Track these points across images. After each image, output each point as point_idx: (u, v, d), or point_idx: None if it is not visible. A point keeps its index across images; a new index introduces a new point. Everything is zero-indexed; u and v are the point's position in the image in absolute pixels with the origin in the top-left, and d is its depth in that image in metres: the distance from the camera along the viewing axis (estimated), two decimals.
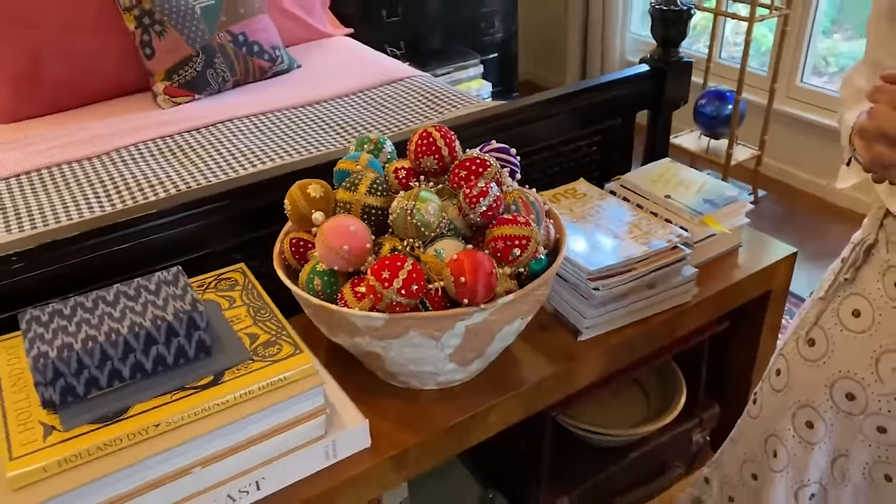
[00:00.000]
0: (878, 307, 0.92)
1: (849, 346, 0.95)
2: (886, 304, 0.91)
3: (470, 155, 1.05)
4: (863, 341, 0.93)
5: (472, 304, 0.94)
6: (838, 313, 0.96)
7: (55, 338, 0.89)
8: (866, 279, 0.93)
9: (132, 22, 2.17)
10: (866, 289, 0.93)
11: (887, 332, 0.91)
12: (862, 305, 0.93)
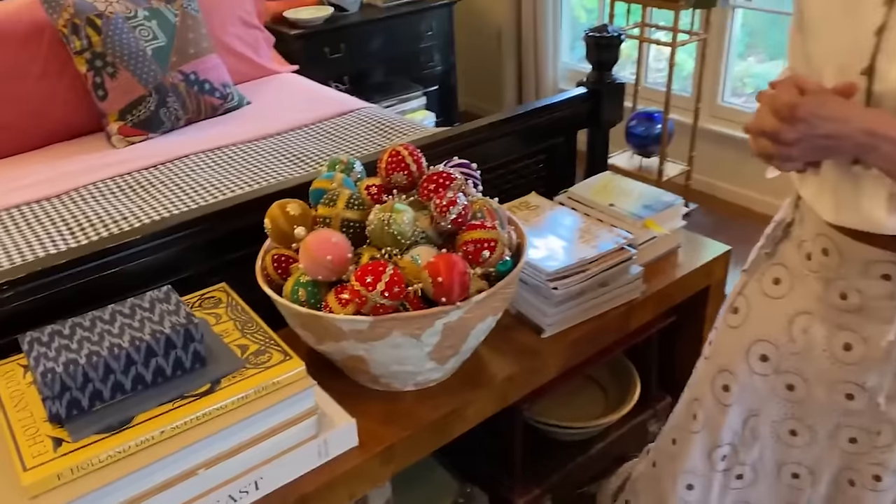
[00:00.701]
0: (795, 275, 1.04)
1: (766, 310, 1.07)
2: (801, 273, 1.03)
3: (436, 170, 1.15)
4: (779, 305, 1.05)
5: (449, 303, 1.03)
6: (761, 282, 1.09)
7: (59, 355, 0.94)
8: (785, 252, 1.06)
9: (83, 65, 2.21)
10: (786, 260, 1.06)
11: (801, 297, 1.03)
12: (782, 274, 1.06)
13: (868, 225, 0.90)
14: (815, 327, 1.01)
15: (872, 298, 0.94)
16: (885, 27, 0.83)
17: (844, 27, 0.87)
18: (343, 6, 3.15)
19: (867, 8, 0.85)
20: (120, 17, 2.23)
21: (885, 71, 0.84)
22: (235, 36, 2.62)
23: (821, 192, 0.95)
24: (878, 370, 0.96)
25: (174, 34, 2.31)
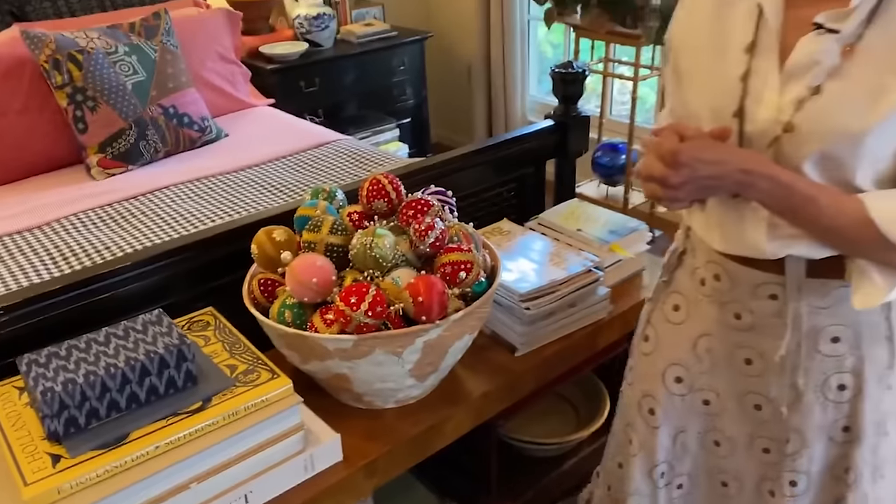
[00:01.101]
0: (691, 300, 1.12)
1: (672, 336, 1.15)
2: (697, 298, 1.11)
3: (415, 197, 1.22)
4: (682, 330, 1.13)
5: (429, 321, 1.10)
6: (663, 310, 1.17)
7: (58, 375, 0.98)
8: (681, 280, 1.14)
9: (64, 99, 2.25)
10: (681, 287, 1.14)
11: (699, 320, 1.11)
12: (679, 300, 1.14)
13: (752, 252, 0.99)
14: (717, 347, 1.09)
15: (763, 317, 1.03)
16: (748, 73, 0.93)
17: (714, 75, 0.97)
18: (317, 42, 3.24)
19: (731, 57, 0.95)
20: (101, 53, 2.29)
21: (753, 113, 0.92)
22: (213, 71, 2.69)
23: (709, 224, 1.04)
24: (777, 382, 1.04)
25: (154, 69, 2.37)
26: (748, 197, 0.92)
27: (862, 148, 0.87)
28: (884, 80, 0.85)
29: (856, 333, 1.00)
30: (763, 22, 0.93)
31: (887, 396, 1.03)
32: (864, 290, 0.93)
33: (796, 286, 0.98)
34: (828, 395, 1.03)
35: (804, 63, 0.89)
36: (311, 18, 3.20)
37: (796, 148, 0.90)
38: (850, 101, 0.87)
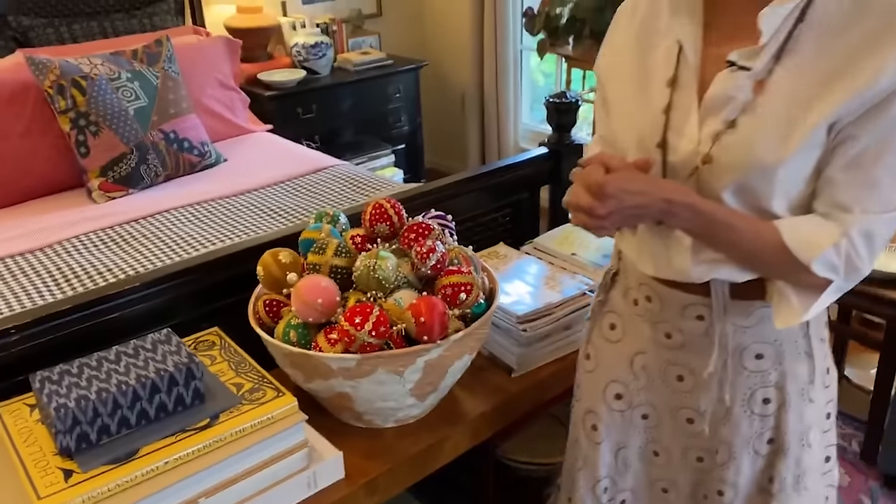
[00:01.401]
0: (626, 320, 1.17)
1: (610, 354, 1.19)
2: (631, 317, 1.16)
3: (416, 220, 1.26)
4: (619, 348, 1.18)
5: (430, 341, 1.13)
6: (601, 329, 1.21)
7: (70, 391, 1.01)
8: (615, 300, 1.19)
9: (67, 124, 2.29)
10: (616, 307, 1.19)
11: (634, 339, 1.15)
12: (615, 319, 1.19)
13: (679, 276, 1.04)
14: (651, 364, 1.14)
15: (692, 336, 1.07)
16: (670, 106, 0.98)
17: (639, 107, 1.02)
18: (315, 69, 3.30)
19: (654, 90, 1.00)
20: (104, 79, 2.33)
21: (675, 144, 0.98)
22: (213, 97, 2.74)
23: (639, 250, 1.08)
24: (706, 397, 1.09)
25: (155, 95, 2.42)
26: (671, 225, 0.97)
27: (775, 178, 0.92)
28: (792, 114, 0.90)
29: (778, 350, 1.05)
30: (683, 58, 0.99)
31: (809, 409, 1.08)
32: (784, 311, 0.98)
33: (721, 307, 1.03)
34: (753, 409, 1.08)
35: (720, 98, 0.94)
36: (309, 47, 3.26)
37: (715, 178, 0.95)
38: (762, 134, 0.92)
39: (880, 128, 0.89)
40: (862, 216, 0.91)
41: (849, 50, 0.88)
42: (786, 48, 0.92)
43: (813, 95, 0.90)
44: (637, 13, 1.07)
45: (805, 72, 0.91)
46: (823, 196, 0.93)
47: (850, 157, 0.90)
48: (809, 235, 0.92)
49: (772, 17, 0.91)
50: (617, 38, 1.10)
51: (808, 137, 0.90)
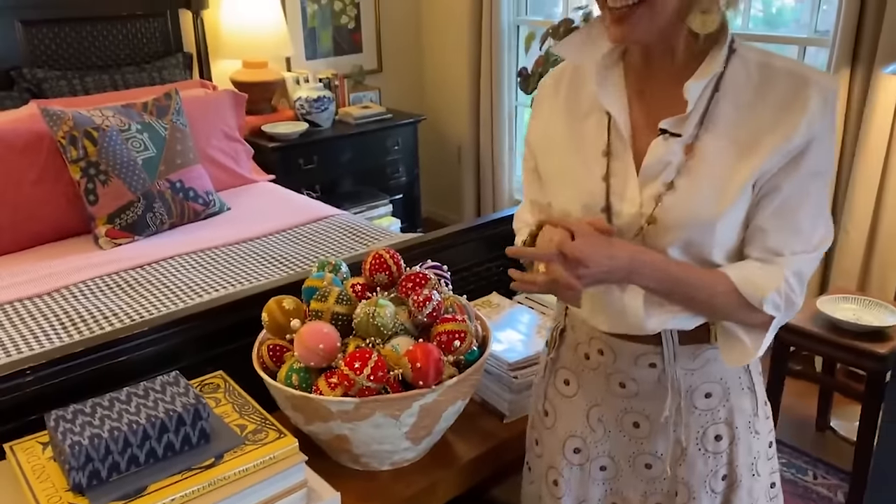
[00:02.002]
0: (579, 374, 1.23)
1: (567, 409, 1.24)
2: (583, 371, 1.22)
3: (413, 271, 1.33)
4: (575, 402, 1.23)
5: (426, 386, 1.19)
6: (555, 385, 1.26)
7: (84, 430, 1.06)
8: (565, 355, 1.25)
9: (77, 172, 2.38)
10: (568, 363, 1.25)
11: (589, 392, 1.21)
12: (568, 375, 1.24)
13: (635, 330, 1.10)
14: (607, 415, 1.19)
15: (645, 384, 1.14)
16: (609, 174, 1.07)
17: (580, 176, 1.10)
18: (317, 122, 3.41)
19: (592, 160, 1.09)
20: (115, 130, 2.43)
21: (619, 208, 1.06)
22: (218, 148, 2.84)
23: (592, 309, 1.14)
24: (663, 440, 1.15)
25: (163, 146, 2.52)
26: (635, 284, 1.04)
27: (715, 232, 1.02)
28: (723, 173, 1.01)
29: (724, 388, 1.14)
30: (614, 127, 1.07)
31: (755, 441, 1.17)
32: (738, 352, 1.07)
33: (672, 354, 1.11)
34: (707, 447, 1.15)
35: (657, 164, 1.03)
36: (312, 101, 3.38)
37: (660, 237, 1.03)
38: (699, 194, 1.01)
39: (798, 179, 1.00)
40: (791, 258, 1.02)
41: (764, 115, 1.00)
42: (707, 115, 1.02)
43: (738, 155, 1.00)
44: (561, 87, 1.16)
45: (727, 135, 1.01)
46: (756, 243, 1.04)
47: (774, 206, 1.01)
48: (757, 280, 1.02)
49: (695, 88, 1.00)
50: (544, 111, 1.19)
51: (740, 193, 1.00)
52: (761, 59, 1.03)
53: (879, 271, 2.61)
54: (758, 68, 1.02)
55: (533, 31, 3.44)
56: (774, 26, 3.24)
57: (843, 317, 2.17)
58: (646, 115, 1.06)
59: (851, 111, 2.60)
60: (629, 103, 1.08)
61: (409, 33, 4.12)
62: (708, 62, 1.01)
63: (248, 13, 3.24)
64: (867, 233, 2.60)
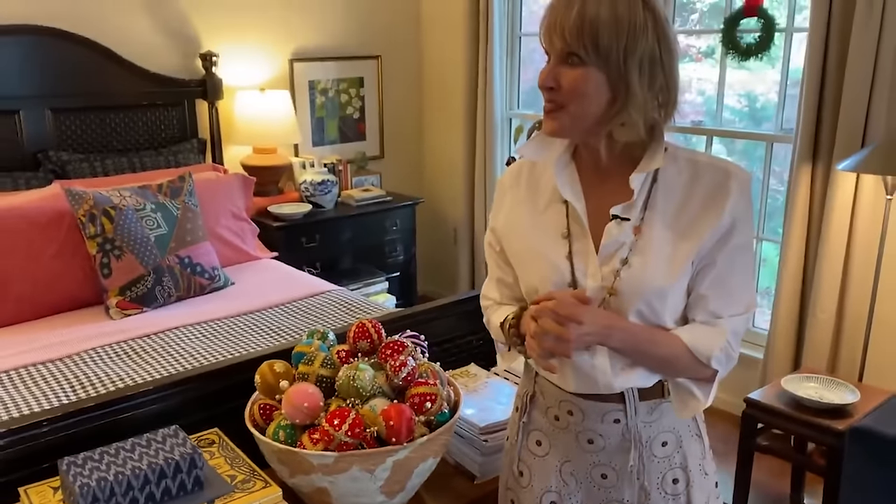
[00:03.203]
0: (549, 434, 1.36)
1: (540, 468, 1.37)
2: (554, 431, 1.35)
3: (392, 339, 1.49)
4: (547, 461, 1.36)
5: (398, 443, 1.33)
6: (528, 447, 1.39)
7: (92, 473, 1.20)
8: (537, 419, 1.38)
9: (94, 247, 2.57)
10: (539, 425, 1.38)
11: (559, 450, 1.34)
12: (539, 436, 1.38)
13: (603, 389, 1.25)
14: (578, 469, 1.33)
15: (611, 438, 1.28)
16: (571, 253, 1.23)
17: (546, 257, 1.25)
18: (321, 204, 3.63)
19: (554, 243, 1.25)
20: (131, 209, 2.64)
21: (583, 283, 1.21)
22: (226, 227, 3.05)
23: (563, 373, 1.28)
24: (629, 488, 1.29)
25: (175, 224, 2.72)
26: (609, 345, 1.19)
27: (666, 300, 1.20)
28: (668, 251, 1.19)
29: (677, 436, 1.29)
30: (572, 215, 1.25)
31: (706, 481, 1.32)
32: (691, 404, 1.24)
33: (633, 409, 1.26)
34: (667, 490, 1.29)
35: (612, 244, 1.21)
36: (317, 184, 3.61)
37: (621, 305, 1.20)
38: (651, 268, 1.19)
39: (728, 253, 1.19)
40: (729, 320, 1.21)
41: (697, 204, 1.20)
42: (649, 202, 1.21)
43: (679, 236, 1.19)
44: (521, 181, 1.34)
45: (668, 219, 1.20)
46: (699, 308, 1.22)
47: (711, 277, 1.20)
48: (704, 340, 1.20)
49: (637, 179, 1.19)
50: (507, 202, 1.35)
51: (684, 266, 1.18)
52: (688, 156, 1.23)
53: (848, 352, 2.74)
54: (686, 164, 1.22)
55: (522, 123, 3.71)
56: (758, 121, 3.47)
57: (806, 394, 2.29)
58: (597, 203, 1.24)
59: (814, 204, 2.79)
60: (583, 193, 1.26)
61: (410, 123, 4.40)
62: (648, 158, 1.19)
63: (261, 104, 3.51)
64: (834, 316, 2.75)
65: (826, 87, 2.70)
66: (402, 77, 4.28)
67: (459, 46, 3.96)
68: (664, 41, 1.13)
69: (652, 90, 1.14)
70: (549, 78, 1.15)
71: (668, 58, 1.14)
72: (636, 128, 1.15)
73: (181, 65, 3.46)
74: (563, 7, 1.11)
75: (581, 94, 1.13)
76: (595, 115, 1.15)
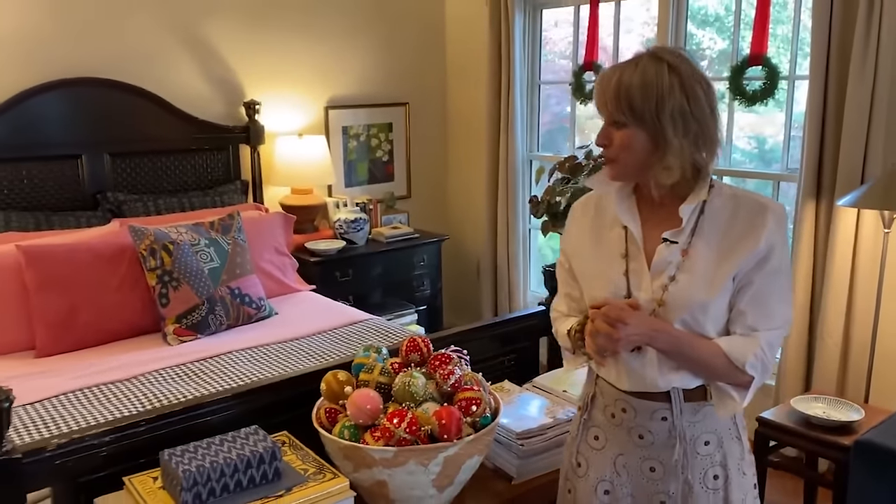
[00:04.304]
0: (606, 430, 1.55)
1: (597, 459, 1.57)
2: (610, 427, 1.54)
3: (440, 351, 1.69)
4: (604, 454, 1.55)
5: (449, 440, 1.53)
6: (587, 441, 1.59)
7: (191, 462, 1.41)
8: (597, 416, 1.58)
9: (154, 279, 2.80)
10: (597, 422, 1.57)
11: (614, 444, 1.54)
12: (598, 432, 1.57)
13: (650, 387, 1.45)
14: (630, 462, 1.52)
15: (659, 435, 1.47)
16: (628, 271, 1.45)
17: (606, 274, 1.48)
18: (353, 240, 3.87)
19: (614, 261, 1.47)
20: (187, 244, 2.88)
21: (637, 296, 1.43)
22: (269, 261, 3.28)
23: (618, 373, 1.49)
24: (674, 480, 1.47)
25: (226, 258, 2.95)
26: (654, 346, 1.40)
27: (707, 313, 1.40)
28: (710, 270, 1.40)
29: (718, 437, 1.47)
30: (630, 238, 1.47)
31: (744, 480, 1.50)
32: (728, 405, 1.42)
33: (679, 409, 1.45)
34: (708, 485, 1.47)
35: (662, 263, 1.43)
36: (349, 222, 3.85)
37: (668, 315, 1.41)
38: (694, 285, 1.39)
39: (765, 275, 1.39)
40: (765, 333, 1.39)
41: (737, 232, 1.40)
42: (697, 229, 1.43)
43: (720, 259, 1.40)
44: (588, 210, 1.58)
45: (712, 244, 1.41)
46: (738, 322, 1.41)
47: (750, 295, 1.40)
48: (740, 347, 1.39)
49: (686, 210, 1.41)
50: (576, 228, 1.60)
51: (724, 284, 1.39)
52: (732, 191, 1.45)
53: (854, 376, 2.90)
54: (730, 198, 1.44)
55: (543, 165, 3.95)
56: (767, 162, 3.68)
57: (814, 413, 2.46)
58: (652, 229, 1.47)
59: (819, 238, 2.99)
60: (641, 220, 1.48)
61: (436, 165, 4.67)
62: (695, 193, 1.42)
63: (299, 148, 3.78)
64: (841, 342, 2.92)
65: (826, 129, 2.92)
66: (428, 122, 4.56)
67: (482, 93, 4.23)
68: (692, 96, 1.35)
69: (687, 138, 1.37)
70: (601, 138, 1.42)
71: (697, 109, 1.36)
72: (676, 171, 1.38)
73: (226, 112, 3.74)
74: (606, 81, 1.37)
75: (627, 148, 1.39)
76: (641, 161, 1.40)
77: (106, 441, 1.53)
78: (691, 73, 1.37)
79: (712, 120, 1.39)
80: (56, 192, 3.26)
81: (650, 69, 1.34)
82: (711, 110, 1.39)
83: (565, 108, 4.30)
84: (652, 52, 1.38)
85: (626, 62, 1.39)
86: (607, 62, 3.83)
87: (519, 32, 4.03)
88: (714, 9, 3.73)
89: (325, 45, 4.05)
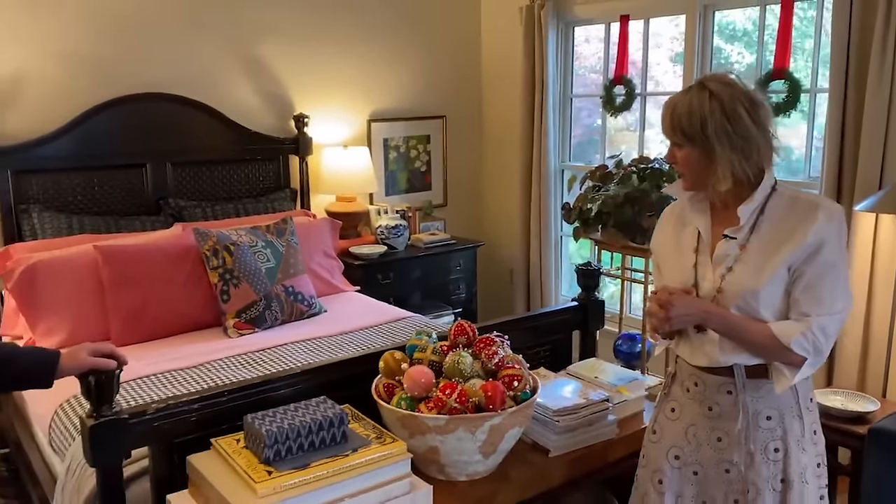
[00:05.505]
0: (681, 403, 1.75)
1: (671, 428, 1.76)
2: (685, 400, 1.74)
3: (485, 335, 1.90)
4: (678, 423, 1.75)
5: (494, 410, 1.73)
6: (664, 411, 1.79)
7: (272, 424, 1.63)
8: (675, 390, 1.78)
9: (216, 277, 3.05)
10: (675, 396, 1.77)
11: (688, 415, 1.73)
12: (674, 404, 1.77)
13: (712, 362, 1.65)
14: (700, 432, 1.71)
15: (725, 407, 1.66)
16: (696, 264, 1.68)
17: (679, 265, 1.72)
18: (393, 245, 4.09)
19: (686, 255, 1.70)
20: (246, 245, 3.12)
21: (702, 284, 1.66)
22: (319, 263, 3.52)
23: (691, 349, 1.70)
24: (738, 450, 1.65)
25: (281, 259, 3.19)
26: (707, 326, 1.62)
27: (758, 299, 1.59)
28: (762, 262, 1.59)
29: (780, 413, 1.64)
30: (701, 237, 1.69)
31: (803, 456, 1.65)
32: (782, 380, 1.60)
33: (742, 384, 1.63)
34: (769, 456, 1.64)
35: (722, 256, 1.64)
36: (390, 228, 4.08)
37: (725, 300, 1.62)
38: (748, 275, 1.60)
39: (816, 267, 1.57)
40: (816, 318, 1.57)
41: (789, 228, 1.60)
42: (755, 226, 1.64)
43: (773, 251, 1.60)
44: (673, 216, 1.81)
45: (767, 239, 1.61)
46: (794, 309, 1.60)
47: (803, 285, 1.59)
48: (787, 328, 1.58)
49: (744, 211, 1.62)
50: (663, 227, 1.83)
51: (773, 274, 1.58)
52: (792, 193, 1.66)
53: (874, 372, 3.04)
54: (788, 199, 1.64)
55: (574, 174, 4.14)
56: (794, 172, 3.81)
57: (833, 405, 2.61)
58: (718, 227, 1.69)
59: None
60: (711, 222, 1.70)
61: (471, 175, 4.89)
62: (753, 196, 1.63)
63: (344, 159, 4.03)
64: (861, 340, 3.06)
65: (846, 138, 3.08)
66: (464, 134, 4.78)
67: (517, 106, 4.44)
68: (733, 117, 1.57)
69: (735, 151, 1.58)
70: (668, 157, 1.68)
71: (740, 127, 1.57)
72: (728, 179, 1.60)
73: (277, 125, 4.00)
74: (665, 111, 1.63)
75: (686, 164, 1.64)
76: (699, 173, 1.63)
77: (195, 408, 1.76)
78: (732, 95, 1.58)
79: (760, 133, 1.59)
80: (123, 198, 3.54)
81: (695, 98, 1.59)
82: (757, 125, 1.59)
83: (596, 120, 4.49)
84: (700, 81, 1.62)
85: (679, 93, 1.64)
86: (636, 76, 4.03)
87: (552, 48, 4.24)
88: (742, 24, 3.90)
89: (367, 63, 4.30)
